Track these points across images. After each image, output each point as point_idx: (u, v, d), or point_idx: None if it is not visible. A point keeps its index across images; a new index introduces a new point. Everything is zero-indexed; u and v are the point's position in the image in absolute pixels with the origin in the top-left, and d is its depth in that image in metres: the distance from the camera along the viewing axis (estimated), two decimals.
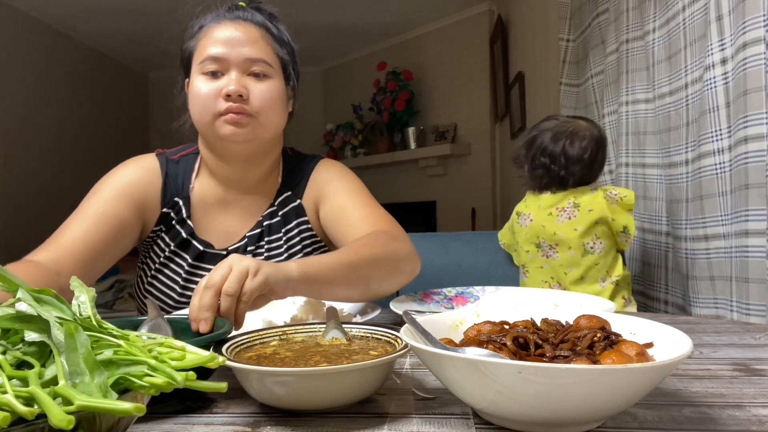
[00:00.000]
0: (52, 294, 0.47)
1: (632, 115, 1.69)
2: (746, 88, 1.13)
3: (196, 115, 1.00)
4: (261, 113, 0.98)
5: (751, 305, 1.14)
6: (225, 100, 0.96)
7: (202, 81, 0.98)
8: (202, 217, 1.07)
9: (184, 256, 1.06)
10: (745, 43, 1.13)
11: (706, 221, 1.29)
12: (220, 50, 0.97)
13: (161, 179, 1.07)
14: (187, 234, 1.06)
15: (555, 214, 1.46)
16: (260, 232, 1.08)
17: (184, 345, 0.47)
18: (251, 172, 1.07)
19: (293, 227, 1.09)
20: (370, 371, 0.54)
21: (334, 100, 5.60)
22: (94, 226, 0.97)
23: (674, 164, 1.46)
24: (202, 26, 1.03)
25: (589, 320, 0.58)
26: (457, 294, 1.08)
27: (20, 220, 4.00)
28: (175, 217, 1.06)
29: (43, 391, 0.36)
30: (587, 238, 1.42)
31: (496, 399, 0.47)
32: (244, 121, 0.97)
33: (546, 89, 2.70)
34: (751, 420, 0.52)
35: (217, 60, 0.97)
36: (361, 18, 4.51)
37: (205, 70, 0.98)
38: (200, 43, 1.00)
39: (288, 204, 1.10)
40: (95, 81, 5.00)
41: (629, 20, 1.70)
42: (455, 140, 4.47)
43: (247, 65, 0.98)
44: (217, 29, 0.99)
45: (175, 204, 1.06)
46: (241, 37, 0.98)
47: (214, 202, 1.08)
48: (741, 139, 1.15)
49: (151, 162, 1.09)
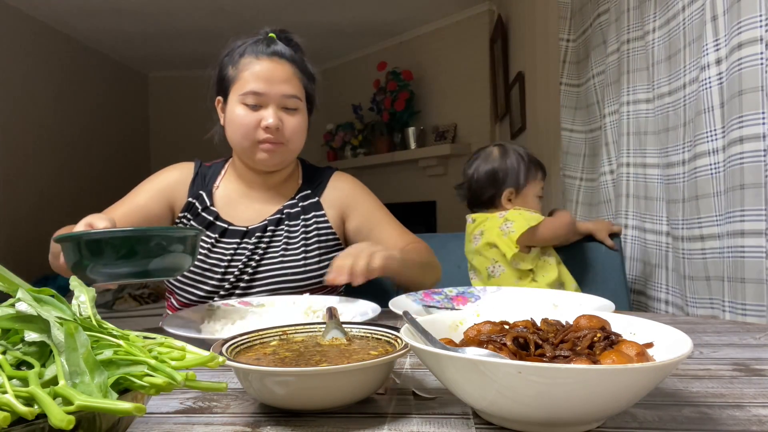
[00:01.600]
0: (52, 294, 0.47)
1: (633, 115, 1.68)
2: (742, 88, 1.13)
3: (237, 139, 1.19)
4: (291, 141, 1.19)
5: (747, 305, 1.14)
6: (264, 131, 1.16)
7: (243, 111, 1.16)
8: (225, 206, 1.25)
9: (210, 234, 1.21)
10: (741, 43, 1.13)
11: (701, 221, 1.29)
12: (261, 87, 1.15)
13: (191, 177, 1.28)
14: (212, 218, 1.23)
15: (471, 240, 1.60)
16: (280, 217, 1.24)
17: (184, 345, 0.47)
18: (274, 177, 1.27)
19: (310, 218, 1.25)
20: (370, 371, 0.54)
21: (334, 100, 5.59)
22: (129, 213, 1.18)
23: (672, 164, 1.46)
24: (241, 55, 1.18)
25: (589, 320, 0.58)
26: (458, 294, 1.08)
27: (20, 219, 4.00)
28: (200, 206, 1.24)
29: (43, 391, 0.36)
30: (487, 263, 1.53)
31: (496, 399, 0.47)
32: (278, 150, 1.18)
33: (546, 89, 2.69)
34: (751, 420, 0.52)
35: (258, 95, 1.15)
36: (361, 18, 4.51)
37: (246, 101, 1.16)
38: (241, 75, 1.17)
39: (307, 199, 1.28)
40: (95, 81, 5.00)
41: (630, 20, 1.70)
42: (455, 140, 4.47)
43: (282, 101, 1.17)
44: (257, 64, 1.17)
45: (199, 196, 1.25)
46: (279, 75, 1.16)
47: (237, 196, 1.27)
48: (736, 139, 1.15)
49: (188, 165, 1.31)
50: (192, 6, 4.04)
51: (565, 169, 2.22)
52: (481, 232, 1.55)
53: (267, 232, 1.22)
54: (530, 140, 3.03)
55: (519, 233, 1.46)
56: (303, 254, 1.20)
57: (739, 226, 1.15)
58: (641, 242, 1.70)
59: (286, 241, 1.21)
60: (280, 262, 1.19)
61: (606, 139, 1.87)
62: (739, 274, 1.15)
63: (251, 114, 1.16)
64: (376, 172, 5.06)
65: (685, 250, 1.37)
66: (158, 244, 0.80)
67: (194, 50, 4.98)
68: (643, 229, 1.68)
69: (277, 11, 4.23)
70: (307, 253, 1.20)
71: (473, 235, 1.58)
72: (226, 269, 1.18)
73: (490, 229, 1.52)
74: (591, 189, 2.12)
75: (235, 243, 1.20)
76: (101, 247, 0.79)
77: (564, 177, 2.23)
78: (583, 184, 2.17)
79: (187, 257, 0.86)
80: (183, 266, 0.86)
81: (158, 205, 1.23)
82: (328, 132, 5.46)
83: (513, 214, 1.51)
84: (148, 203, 1.22)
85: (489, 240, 1.51)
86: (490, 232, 1.51)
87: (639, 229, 1.70)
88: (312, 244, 1.22)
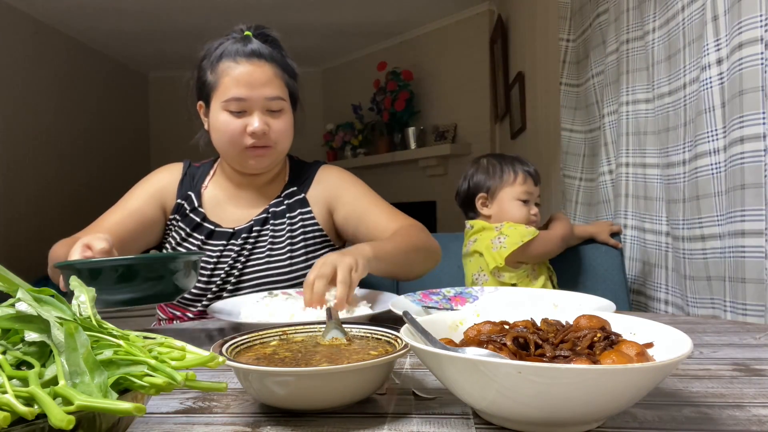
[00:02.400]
0: (52, 294, 0.47)
1: (632, 115, 1.69)
2: (742, 88, 1.12)
3: (223, 146, 1.17)
4: (278, 143, 1.18)
5: (748, 305, 1.14)
6: (251, 137, 1.14)
7: (227, 117, 1.14)
8: (213, 207, 1.24)
9: (197, 236, 1.21)
10: (741, 43, 1.13)
11: (702, 221, 1.29)
12: (243, 92, 1.12)
13: (180, 177, 1.27)
14: (199, 219, 1.22)
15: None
16: (266, 217, 1.23)
17: (184, 345, 0.47)
18: (261, 178, 1.26)
19: (296, 215, 1.24)
20: (370, 371, 0.54)
21: (334, 100, 5.59)
22: (124, 219, 1.18)
23: (672, 164, 1.46)
24: (219, 59, 1.15)
25: (589, 320, 0.58)
26: (456, 294, 1.08)
27: (21, 219, 4.00)
28: (188, 207, 1.23)
29: (43, 391, 0.36)
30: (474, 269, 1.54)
31: (496, 399, 0.47)
32: (266, 154, 1.17)
33: (546, 89, 2.70)
34: (751, 420, 0.52)
35: (241, 101, 1.12)
36: (361, 18, 4.51)
37: (229, 108, 1.13)
38: (222, 81, 1.14)
39: (293, 197, 1.26)
40: (95, 81, 5.00)
41: (629, 20, 1.70)
42: (455, 140, 4.47)
43: (266, 104, 1.14)
44: (236, 69, 1.13)
45: (188, 197, 1.24)
46: (260, 77, 1.13)
47: (225, 197, 1.26)
48: (737, 139, 1.15)
49: (177, 166, 1.30)
50: (192, 6, 4.04)
51: (565, 169, 2.22)
52: (474, 240, 1.55)
53: (253, 232, 1.21)
54: (530, 140, 3.03)
55: (510, 251, 1.44)
56: (288, 253, 1.19)
57: (740, 226, 1.15)
58: (641, 242, 1.70)
59: (272, 241, 1.20)
60: (266, 262, 1.19)
61: (605, 139, 1.87)
62: (740, 274, 1.15)
63: (236, 120, 1.13)
64: (376, 172, 5.07)
65: (686, 250, 1.37)
66: (159, 270, 0.81)
67: (194, 50, 4.97)
68: (643, 229, 1.68)
69: (277, 11, 4.23)
70: (293, 252, 1.20)
71: (468, 241, 1.58)
72: (212, 271, 1.18)
73: (482, 239, 1.52)
74: (590, 189, 2.12)
75: (221, 245, 1.19)
76: (101, 274, 0.79)
77: (564, 177, 2.23)
78: (583, 184, 2.17)
79: (191, 278, 0.86)
80: (187, 287, 0.87)
81: (151, 208, 1.22)
82: (328, 132, 5.46)
83: (508, 228, 1.49)
84: (142, 207, 1.21)
85: (477, 248, 1.52)
86: (481, 242, 1.51)
87: (638, 229, 1.70)
88: (298, 242, 1.21)
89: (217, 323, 1.04)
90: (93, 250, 0.89)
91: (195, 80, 1.22)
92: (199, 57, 1.21)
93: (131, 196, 1.23)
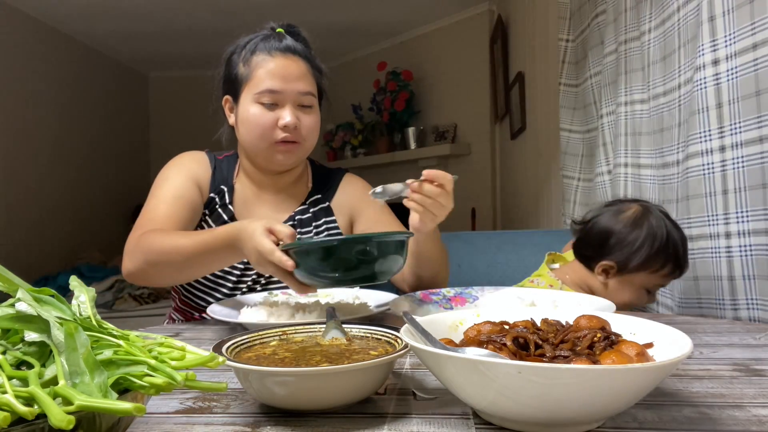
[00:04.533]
0: (52, 294, 0.47)
1: (630, 116, 1.69)
2: (740, 93, 1.13)
3: (253, 140, 1.15)
4: (307, 140, 1.17)
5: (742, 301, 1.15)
6: (282, 130, 1.13)
7: (259, 110, 1.13)
8: (242, 207, 1.22)
9: None
10: (755, 43, 1.13)
11: (691, 221, 1.29)
12: (277, 85, 1.12)
13: (211, 170, 1.23)
14: (227, 217, 1.20)
15: None
16: (292, 224, 1.22)
17: (184, 345, 0.47)
18: (284, 178, 1.24)
19: (321, 224, 1.24)
20: (370, 371, 0.54)
21: (334, 100, 5.54)
22: (174, 207, 1.13)
23: (667, 165, 1.46)
24: (252, 52, 1.15)
25: (589, 320, 0.58)
26: (456, 294, 1.08)
27: (19, 219, 4.00)
28: (219, 202, 1.21)
29: (43, 391, 0.36)
30: None
31: (496, 399, 0.47)
32: (295, 150, 1.16)
33: (546, 89, 2.70)
34: (751, 420, 0.52)
35: (274, 93, 1.12)
36: (361, 18, 4.51)
37: (262, 100, 1.12)
38: (255, 74, 1.13)
39: (318, 204, 1.26)
40: (95, 81, 4.99)
41: (627, 21, 1.70)
42: (455, 140, 4.47)
43: (298, 98, 1.14)
44: (271, 62, 1.13)
45: (220, 191, 1.21)
46: (294, 72, 1.14)
47: (252, 197, 1.24)
48: (755, 138, 1.14)
49: (203, 156, 1.25)
50: (192, 6, 4.03)
51: (564, 170, 2.22)
52: (535, 282, 1.34)
53: None
54: (530, 140, 3.03)
55: None
56: None
57: (764, 225, 1.14)
58: None
59: None
60: None
61: (603, 140, 1.87)
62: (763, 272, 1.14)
63: (267, 113, 1.12)
64: (376, 172, 5.06)
65: None
66: (382, 249, 0.85)
67: (194, 50, 4.98)
68: None
69: (277, 11, 4.23)
70: None
71: (532, 278, 1.36)
72: (243, 271, 1.17)
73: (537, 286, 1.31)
74: (588, 189, 2.12)
75: None
76: (331, 254, 0.84)
77: (562, 177, 2.23)
78: (581, 184, 2.17)
79: (400, 259, 0.89)
80: (397, 268, 0.90)
81: (194, 193, 1.17)
82: (328, 132, 5.46)
83: None
84: (186, 194, 1.16)
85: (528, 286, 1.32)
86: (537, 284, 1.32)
87: None
88: None
89: (217, 323, 1.04)
90: (280, 235, 0.90)
91: (223, 74, 1.20)
92: (228, 51, 1.20)
93: (168, 186, 1.16)
